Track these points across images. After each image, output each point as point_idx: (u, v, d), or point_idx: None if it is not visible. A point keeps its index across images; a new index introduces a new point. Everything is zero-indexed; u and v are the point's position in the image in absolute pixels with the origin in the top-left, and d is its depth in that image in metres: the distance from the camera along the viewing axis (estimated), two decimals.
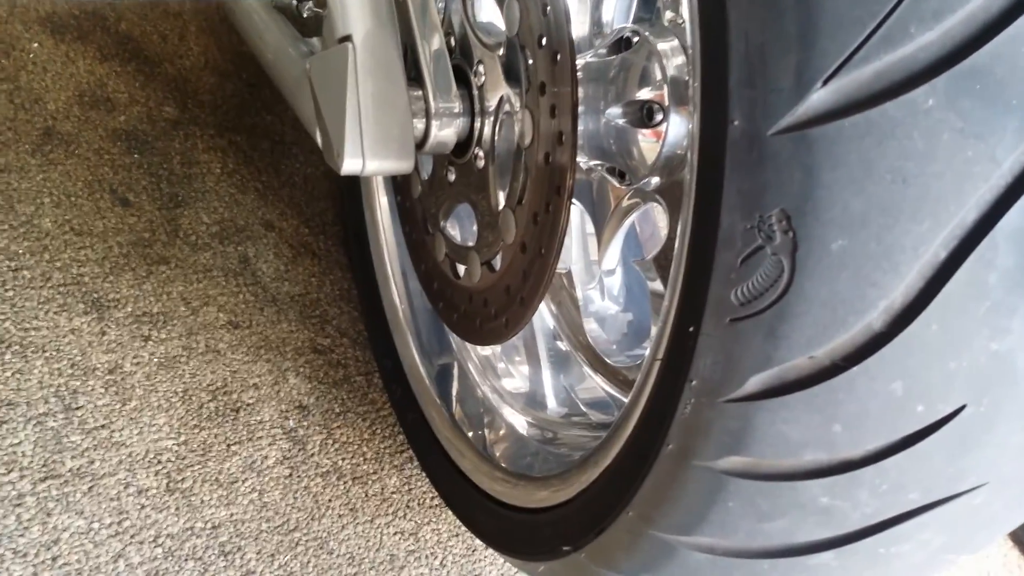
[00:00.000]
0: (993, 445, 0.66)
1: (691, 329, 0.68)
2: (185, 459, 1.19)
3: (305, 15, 1.29)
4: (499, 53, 0.97)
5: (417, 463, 1.33)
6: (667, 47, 0.94)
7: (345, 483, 1.29)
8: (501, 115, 0.99)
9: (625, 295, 1.21)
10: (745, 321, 0.64)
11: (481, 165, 1.02)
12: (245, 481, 1.22)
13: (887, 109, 0.58)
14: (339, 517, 1.26)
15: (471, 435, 1.19)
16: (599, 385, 1.21)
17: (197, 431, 1.23)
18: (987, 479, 0.68)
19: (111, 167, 1.43)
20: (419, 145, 1.01)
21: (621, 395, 1.19)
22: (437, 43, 1.01)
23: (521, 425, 1.19)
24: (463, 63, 1.02)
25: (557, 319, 1.29)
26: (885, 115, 0.58)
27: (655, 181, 0.96)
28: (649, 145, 0.97)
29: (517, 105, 0.96)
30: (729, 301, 0.65)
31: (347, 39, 0.93)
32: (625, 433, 0.79)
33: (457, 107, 1.01)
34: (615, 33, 1.02)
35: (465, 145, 1.04)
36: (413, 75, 1.01)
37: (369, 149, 0.95)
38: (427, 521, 1.32)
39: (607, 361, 1.20)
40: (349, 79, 0.92)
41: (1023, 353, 0.63)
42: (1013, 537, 1.83)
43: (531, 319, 1.04)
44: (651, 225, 1.20)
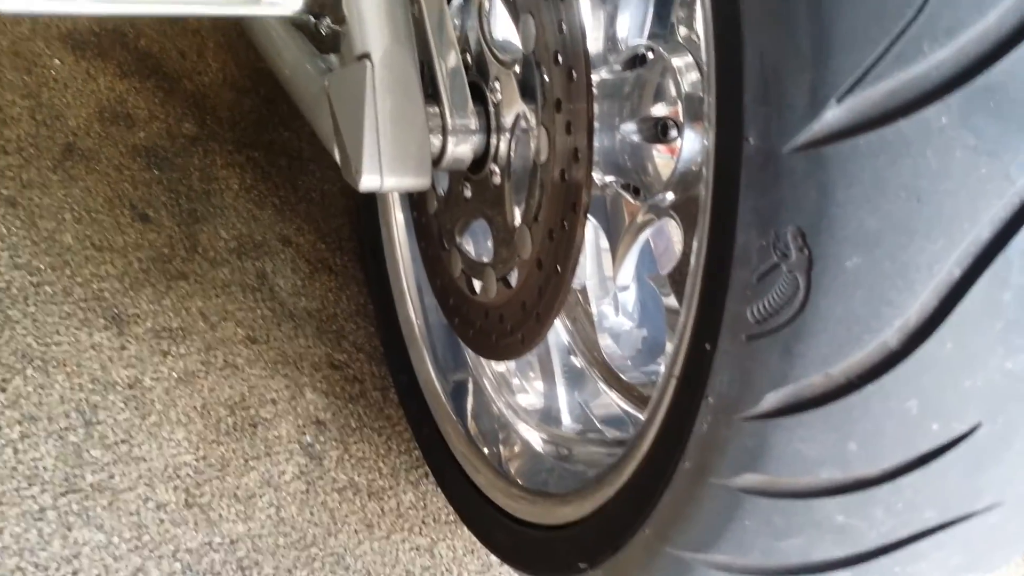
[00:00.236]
0: (1009, 463, 0.66)
1: (707, 346, 0.68)
2: (203, 474, 1.20)
3: (323, 32, 1.30)
4: (515, 70, 0.98)
5: (432, 479, 1.33)
6: (681, 63, 0.94)
7: (361, 499, 1.29)
8: (517, 132, 1.00)
9: (639, 311, 1.21)
10: (761, 338, 0.65)
11: (497, 181, 1.03)
12: (262, 496, 1.23)
13: (901, 127, 0.59)
14: (355, 533, 1.26)
15: (487, 451, 1.19)
16: (614, 401, 1.21)
17: (215, 446, 1.24)
18: (1003, 498, 0.68)
19: (131, 183, 1.45)
20: (436, 161, 1.02)
21: (636, 411, 1.19)
22: (454, 60, 1.02)
23: (536, 441, 1.19)
24: (479, 80, 1.03)
25: (572, 335, 1.29)
26: (899, 133, 0.59)
27: (670, 197, 0.96)
28: (664, 161, 0.97)
29: (533, 122, 0.96)
30: (745, 318, 0.65)
31: (366, 57, 0.94)
32: (642, 450, 0.80)
33: (473, 124, 1.02)
34: (630, 50, 1.03)
35: (481, 161, 1.04)
36: (430, 92, 1.01)
37: (387, 166, 0.96)
38: (443, 537, 1.32)
39: (622, 377, 1.20)
40: (367, 97, 0.93)
41: None
42: None
43: (547, 335, 1.05)
44: (665, 240, 1.20)
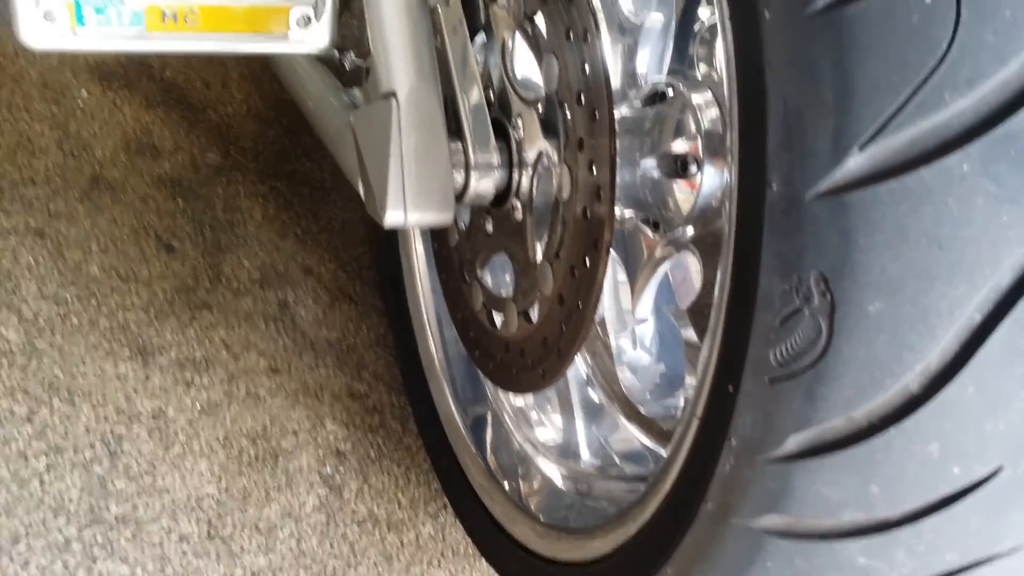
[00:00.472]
0: None
1: (730, 388, 0.68)
2: (225, 505, 1.21)
3: (347, 66, 1.31)
4: (537, 108, 0.99)
5: (451, 511, 1.34)
6: (701, 100, 0.95)
7: (381, 531, 1.30)
8: (539, 168, 1.01)
9: (658, 344, 1.21)
10: (784, 381, 0.65)
11: (519, 217, 1.04)
12: (283, 528, 1.23)
13: (922, 175, 0.59)
14: (375, 565, 1.26)
15: (506, 485, 1.20)
16: (633, 436, 1.21)
17: (237, 477, 1.25)
18: None
19: (156, 213, 1.47)
20: (458, 197, 1.03)
21: (655, 446, 1.19)
22: (477, 97, 1.03)
23: (556, 476, 1.19)
24: (502, 117, 1.04)
25: (591, 368, 1.30)
26: (920, 181, 0.59)
27: (689, 231, 0.97)
28: (684, 196, 0.97)
29: (555, 158, 0.97)
30: (768, 361, 0.66)
31: (391, 95, 0.96)
32: (663, 489, 0.80)
33: (496, 159, 1.03)
34: (650, 86, 1.04)
35: (503, 196, 1.05)
36: (453, 127, 1.03)
37: (411, 202, 0.97)
38: (461, 570, 1.33)
39: (641, 411, 1.21)
40: (392, 134, 0.95)
41: None
42: None
43: (568, 369, 1.05)
44: (684, 273, 1.20)
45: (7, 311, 1.27)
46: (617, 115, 1.01)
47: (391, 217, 0.97)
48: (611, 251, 1.11)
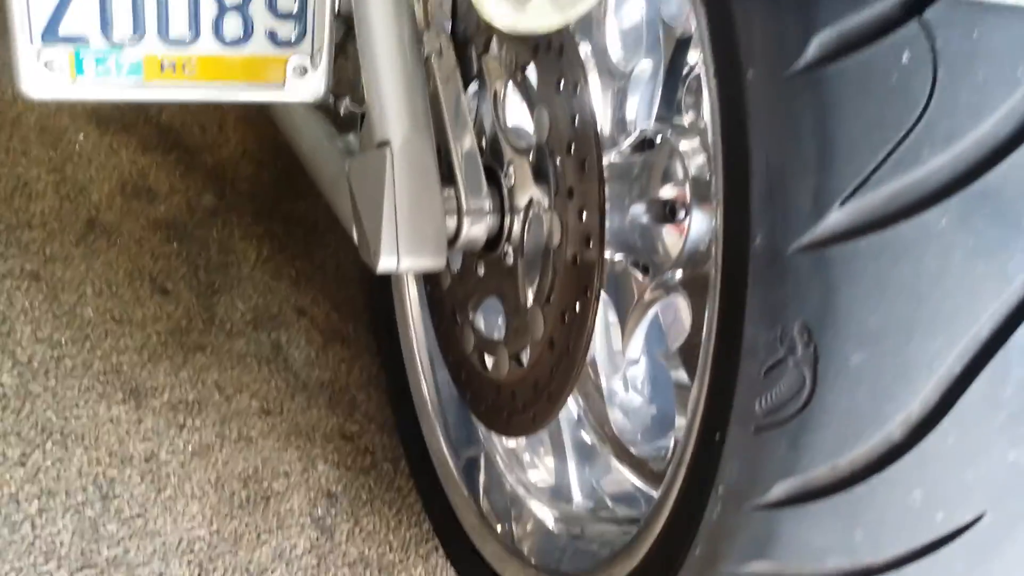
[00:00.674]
0: (1013, 553, 0.67)
1: (717, 436, 0.70)
2: (217, 548, 1.21)
3: (342, 113, 1.33)
4: (529, 156, 1.01)
5: (443, 553, 1.34)
6: (688, 147, 0.97)
7: (372, 573, 1.30)
8: (530, 214, 1.02)
9: (649, 385, 1.22)
10: (769, 430, 0.66)
11: (510, 261, 1.05)
12: (274, 571, 1.23)
13: (901, 229, 0.61)
14: None
15: (499, 528, 1.20)
16: (625, 477, 1.22)
17: (228, 520, 1.25)
18: None
19: (151, 256, 1.48)
20: (451, 241, 1.04)
21: (647, 487, 1.19)
22: (469, 144, 1.05)
23: (548, 519, 1.19)
24: (494, 164, 1.06)
25: (582, 409, 1.31)
26: (899, 235, 0.61)
27: (679, 274, 0.99)
28: (672, 240, 0.99)
29: (546, 205, 0.99)
30: (753, 410, 0.67)
31: (385, 144, 0.97)
32: (652, 535, 0.81)
33: (487, 206, 1.04)
34: (638, 133, 1.06)
35: (495, 241, 1.07)
36: (446, 174, 1.04)
37: (404, 249, 0.98)
38: None
39: (632, 452, 1.21)
40: (387, 183, 0.96)
41: None
42: None
43: (559, 414, 1.06)
44: (675, 314, 1.21)
45: (1, 354, 1.28)
46: (607, 161, 1.03)
47: (384, 263, 0.98)
48: (603, 293, 1.13)
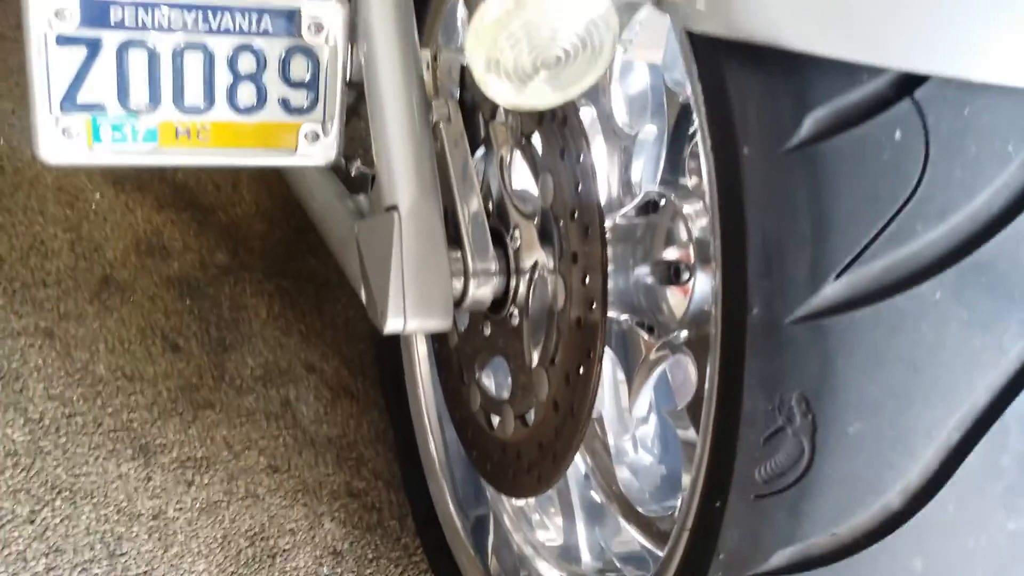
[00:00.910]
0: None
1: (717, 504, 0.70)
2: None
3: (353, 174, 1.36)
4: (534, 220, 1.02)
5: None
6: (692, 210, 0.99)
7: None
8: (536, 276, 1.04)
9: (659, 444, 1.22)
10: (769, 498, 0.67)
11: (516, 323, 1.06)
12: None
13: (897, 302, 0.62)
14: None
15: None
16: (633, 537, 1.22)
17: None
18: None
19: (163, 313, 1.50)
20: (457, 302, 1.06)
21: (655, 547, 1.19)
22: (476, 207, 1.07)
23: None
24: (500, 227, 1.07)
25: (589, 468, 1.31)
26: (895, 307, 0.62)
27: (683, 335, 1.00)
28: (677, 301, 1.00)
29: (551, 267, 1.00)
30: (753, 478, 0.67)
31: (393, 208, 0.99)
32: None
33: (494, 267, 1.06)
34: (643, 195, 1.07)
35: (501, 302, 1.08)
36: (453, 236, 1.06)
37: (410, 310, 0.99)
38: None
39: (640, 511, 1.21)
40: (394, 246, 0.98)
41: None
42: None
43: (564, 475, 1.06)
44: (683, 373, 1.22)
45: (14, 411, 1.30)
46: (612, 223, 1.05)
47: (391, 325, 1.00)
48: (610, 351, 1.13)
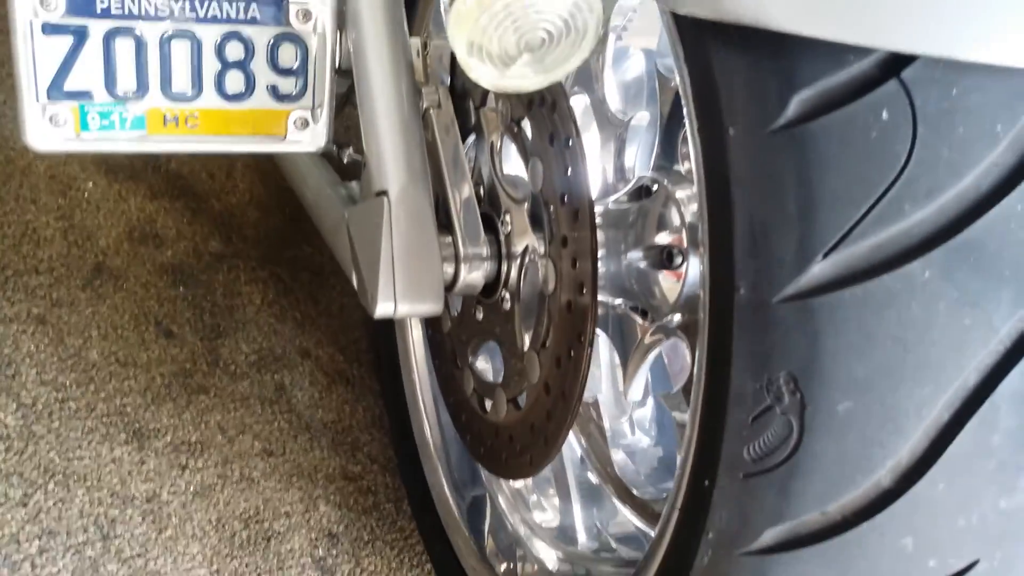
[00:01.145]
0: None
1: (707, 483, 0.70)
2: None
3: (345, 161, 1.35)
4: (525, 205, 1.02)
5: None
6: (684, 195, 0.99)
7: None
8: (526, 261, 1.04)
9: (656, 427, 1.23)
10: (758, 477, 0.67)
11: (508, 307, 1.07)
12: None
13: (885, 281, 0.62)
14: None
15: (501, 568, 1.20)
16: (628, 519, 1.22)
17: (229, 560, 1.26)
18: None
19: (157, 300, 1.50)
20: (449, 287, 1.06)
21: (649, 529, 1.19)
22: (467, 192, 1.07)
23: (552, 560, 1.19)
24: (491, 211, 1.07)
25: (585, 450, 1.31)
26: (883, 286, 0.62)
27: (677, 318, 1.00)
28: (670, 285, 1.00)
29: (541, 252, 1.00)
30: (742, 457, 0.68)
31: (383, 194, 0.99)
32: None
33: (485, 252, 1.06)
34: (636, 181, 1.07)
35: (493, 287, 1.08)
36: (444, 222, 1.06)
37: (400, 295, 0.99)
38: None
39: (634, 493, 1.22)
40: (384, 231, 0.98)
41: None
42: None
43: (555, 457, 1.07)
44: (680, 356, 1.22)
45: (6, 397, 1.30)
46: (605, 208, 1.05)
47: (381, 309, 1.00)
48: (606, 336, 1.14)
